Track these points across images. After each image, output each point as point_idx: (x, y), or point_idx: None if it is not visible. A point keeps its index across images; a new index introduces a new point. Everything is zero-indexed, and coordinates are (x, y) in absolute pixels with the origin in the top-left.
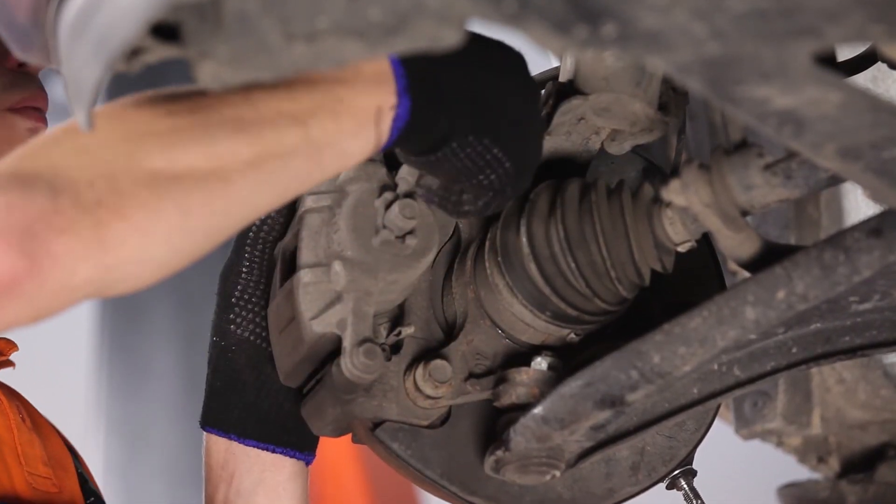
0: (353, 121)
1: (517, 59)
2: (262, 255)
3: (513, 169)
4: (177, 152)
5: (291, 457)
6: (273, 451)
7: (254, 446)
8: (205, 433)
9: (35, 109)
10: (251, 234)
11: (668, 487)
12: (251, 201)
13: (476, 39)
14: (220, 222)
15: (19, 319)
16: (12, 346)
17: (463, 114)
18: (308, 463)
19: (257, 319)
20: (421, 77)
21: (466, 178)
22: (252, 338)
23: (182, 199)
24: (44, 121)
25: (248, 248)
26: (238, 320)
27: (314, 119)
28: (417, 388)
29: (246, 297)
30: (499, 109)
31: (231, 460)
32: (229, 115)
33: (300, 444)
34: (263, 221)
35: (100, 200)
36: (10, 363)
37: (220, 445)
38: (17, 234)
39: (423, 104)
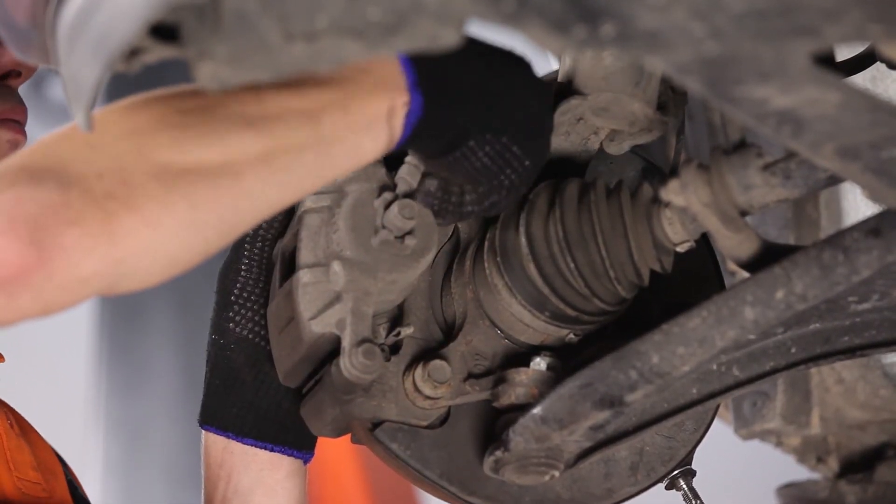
0: (364, 117)
1: (523, 60)
2: (262, 253)
3: (531, 166)
4: (186, 146)
5: (289, 455)
6: (271, 450)
7: (251, 445)
8: (203, 431)
9: (14, 122)
10: (250, 231)
11: (668, 487)
12: (261, 196)
13: (481, 44)
14: (229, 217)
15: (28, 312)
16: None
17: (478, 112)
18: (306, 462)
19: (256, 318)
20: (431, 74)
21: (486, 178)
22: (251, 336)
23: (191, 192)
24: (23, 133)
25: (246, 246)
26: (237, 318)
27: (325, 115)
28: (416, 389)
29: (245, 295)
30: (513, 106)
31: (229, 459)
32: (239, 111)
33: (298, 443)
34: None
35: (109, 193)
36: None
37: (218, 444)
38: (27, 227)
39: (436, 100)
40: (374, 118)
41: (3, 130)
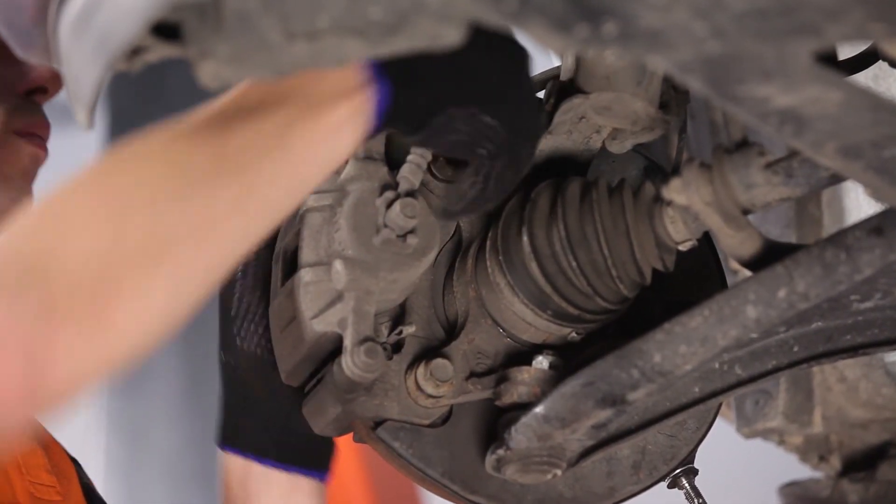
0: (332, 123)
1: (494, 33)
2: (257, 261)
3: (511, 136)
4: (164, 216)
5: (308, 476)
6: (291, 472)
7: (272, 466)
8: (222, 451)
9: (37, 137)
10: None
11: (670, 486)
12: (244, 237)
13: None
14: (215, 266)
15: (34, 416)
16: None
17: (443, 87)
18: (324, 480)
19: (260, 331)
20: (395, 60)
21: (463, 150)
22: (258, 351)
23: (174, 262)
24: (45, 149)
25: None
26: (241, 333)
27: (293, 135)
28: (419, 387)
29: (244, 307)
30: (479, 78)
31: (250, 480)
32: (207, 155)
33: (318, 463)
34: None
35: (93, 288)
36: None
37: (238, 464)
38: (17, 343)
39: (401, 85)
40: (343, 120)
41: (26, 144)
